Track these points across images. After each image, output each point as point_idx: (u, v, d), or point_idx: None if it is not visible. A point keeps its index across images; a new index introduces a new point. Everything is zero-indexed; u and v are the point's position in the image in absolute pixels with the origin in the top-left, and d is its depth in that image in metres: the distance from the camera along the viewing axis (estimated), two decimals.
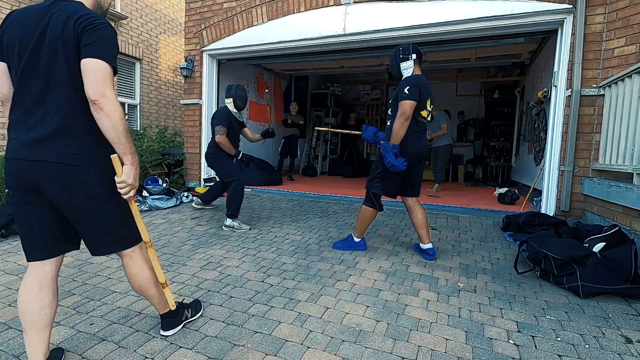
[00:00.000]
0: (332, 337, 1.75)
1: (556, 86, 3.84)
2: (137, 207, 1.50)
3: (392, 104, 2.79)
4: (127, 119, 7.22)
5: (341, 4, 4.61)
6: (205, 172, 5.76)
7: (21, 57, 1.30)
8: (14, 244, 3.04)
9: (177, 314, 1.75)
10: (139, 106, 7.99)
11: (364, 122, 9.53)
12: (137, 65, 7.91)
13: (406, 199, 2.92)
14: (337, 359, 1.59)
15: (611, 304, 2.12)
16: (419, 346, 1.69)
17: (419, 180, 2.94)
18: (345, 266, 2.68)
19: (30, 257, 1.41)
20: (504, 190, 5.05)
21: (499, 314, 2.01)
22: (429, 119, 2.82)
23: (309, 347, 1.66)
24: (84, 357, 1.57)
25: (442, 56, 6.15)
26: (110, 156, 1.35)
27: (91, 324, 1.83)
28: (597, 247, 2.38)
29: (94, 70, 1.26)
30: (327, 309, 2.03)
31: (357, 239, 3.03)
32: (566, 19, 3.68)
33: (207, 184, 5.54)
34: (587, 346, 1.71)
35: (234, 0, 5.32)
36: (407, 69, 2.73)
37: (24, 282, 1.40)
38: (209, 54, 5.70)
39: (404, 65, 2.74)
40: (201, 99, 5.76)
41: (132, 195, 1.42)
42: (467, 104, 8.95)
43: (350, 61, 6.68)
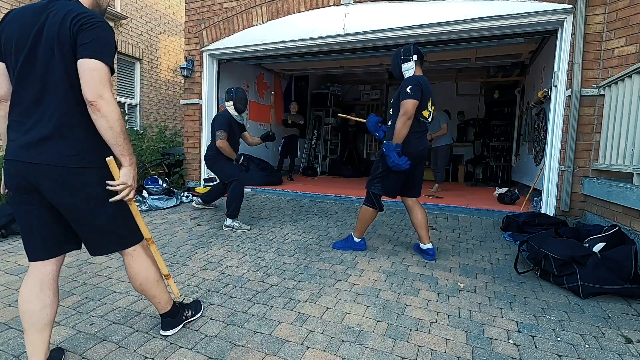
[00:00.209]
0: (332, 337, 1.75)
1: (556, 86, 3.84)
2: (136, 206, 1.50)
3: (393, 104, 2.79)
4: (126, 119, 7.23)
5: (341, 4, 4.61)
6: (205, 172, 5.76)
7: (18, 57, 1.29)
8: (14, 244, 3.04)
9: (177, 314, 1.75)
10: (139, 106, 7.99)
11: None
12: (137, 65, 7.92)
13: (406, 199, 2.92)
14: (337, 359, 1.59)
15: (611, 304, 2.12)
16: (419, 346, 1.69)
17: (420, 180, 2.94)
18: (345, 266, 2.68)
19: (31, 257, 1.41)
20: (504, 190, 5.05)
21: (499, 314, 2.01)
22: (430, 119, 2.82)
23: (309, 347, 1.66)
24: (84, 357, 1.57)
25: (442, 56, 6.15)
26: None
27: (91, 324, 1.83)
28: (597, 247, 2.38)
29: (91, 70, 1.25)
30: (327, 309, 2.03)
31: (357, 239, 3.03)
32: (566, 19, 3.68)
33: (207, 184, 5.54)
34: (587, 346, 1.71)
35: (234, 0, 5.32)
36: (409, 69, 2.73)
37: (25, 282, 1.40)
38: (209, 54, 5.70)
39: (405, 66, 2.74)
40: (201, 99, 5.76)
41: (131, 196, 1.42)
42: (467, 104, 8.95)
43: (350, 61, 6.68)
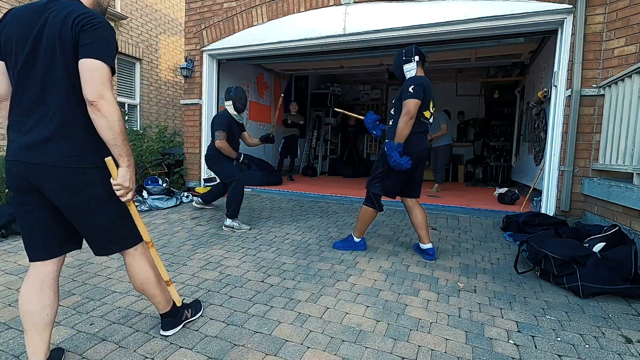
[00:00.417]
0: (332, 337, 1.75)
1: (556, 86, 3.84)
2: (135, 208, 1.49)
3: (395, 104, 2.79)
4: (126, 119, 7.23)
5: (341, 4, 4.61)
6: (205, 172, 5.76)
7: (18, 56, 1.29)
8: (14, 244, 3.04)
9: (177, 314, 1.75)
10: (139, 106, 7.99)
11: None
12: (137, 65, 7.92)
13: (405, 200, 2.92)
14: (337, 359, 1.59)
15: (611, 304, 2.12)
16: (419, 346, 1.69)
17: (420, 181, 2.94)
18: (345, 266, 2.68)
19: (31, 257, 1.40)
20: (504, 190, 5.05)
21: (499, 314, 2.01)
22: (431, 120, 2.82)
23: (309, 347, 1.66)
24: (84, 357, 1.57)
25: (442, 56, 6.15)
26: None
27: (91, 324, 1.83)
28: (597, 247, 2.38)
29: (92, 70, 1.25)
30: (327, 309, 2.03)
31: (357, 239, 3.03)
32: (566, 19, 3.68)
33: (207, 184, 5.54)
34: (587, 346, 1.71)
35: (234, 0, 5.32)
36: (410, 70, 2.73)
37: (25, 282, 1.40)
38: (209, 54, 5.70)
39: (407, 67, 2.74)
40: (201, 99, 5.76)
41: (129, 197, 1.42)
42: (467, 104, 8.95)
43: (350, 61, 6.68)
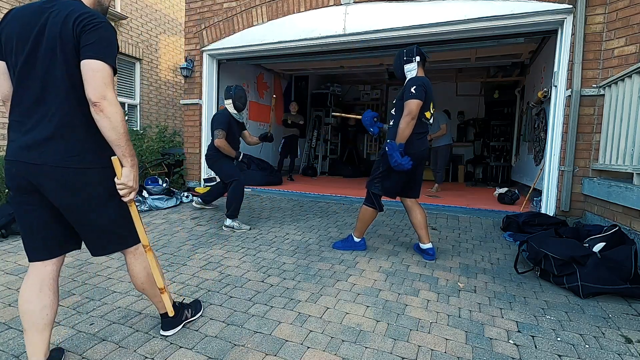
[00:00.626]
0: (332, 337, 1.75)
1: (556, 86, 3.84)
2: (136, 209, 1.49)
3: (396, 104, 2.79)
4: (126, 119, 7.24)
5: (341, 4, 4.60)
6: (205, 172, 5.77)
7: (18, 56, 1.29)
8: (14, 244, 3.04)
9: (177, 314, 1.75)
10: (139, 106, 7.99)
11: None
12: (137, 65, 7.91)
13: (405, 200, 2.92)
14: (337, 359, 1.59)
15: (611, 304, 2.12)
16: (419, 346, 1.69)
17: (420, 181, 2.94)
18: (345, 266, 2.68)
19: (31, 258, 1.40)
20: (504, 190, 5.05)
21: (499, 314, 2.01)
22: (431, 120, 2.82)
23: (309, 347, 1.66)
24: (84, 357, 1.57)
25: (442, 56, 6.15)
26: (110, 157, 1.35)
27: (91, 324, 1.83)
28: (597, 247, 2.38)
29: (94, 71, 1.25)
30: (327, 309, 2.03)
31: (357, 239, 3.03)
32: (566, 19, 3.68)
33: (207, 184, 5.54)
34: (587, 346, 1.71)
35: (234, 0, 5.32)
36: (411, 70, 2.73)
37: (25, 282, 1.40)
38: (209, 54, 5.70)
39: (407, 67, 2.74)
40: (201, 99, 5.76)
41: (132, 197, 1.42)
42: (467, 104, 8.94)
43: (350, 61, 6.68)
